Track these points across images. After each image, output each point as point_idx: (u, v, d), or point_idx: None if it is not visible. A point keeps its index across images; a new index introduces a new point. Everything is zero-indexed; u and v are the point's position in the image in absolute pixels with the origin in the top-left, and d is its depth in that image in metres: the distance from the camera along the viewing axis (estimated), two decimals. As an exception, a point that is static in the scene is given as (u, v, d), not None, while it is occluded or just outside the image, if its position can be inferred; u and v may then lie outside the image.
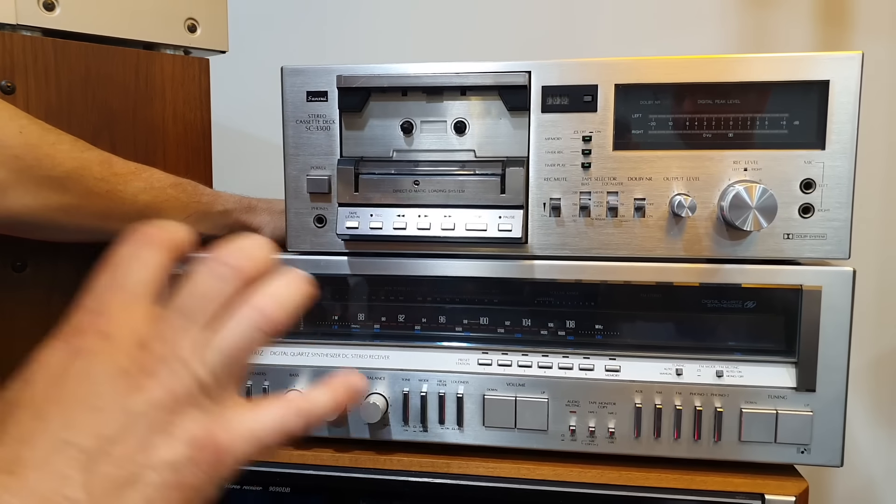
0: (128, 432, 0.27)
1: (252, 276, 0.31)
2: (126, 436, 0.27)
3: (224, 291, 0.30)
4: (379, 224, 0.55)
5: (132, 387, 0.28)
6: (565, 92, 0.53)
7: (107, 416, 0.27)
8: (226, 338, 0.30)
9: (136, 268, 0.31)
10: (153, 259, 0.31)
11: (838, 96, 0.51)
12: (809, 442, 0.53)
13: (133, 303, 0.30)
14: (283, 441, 0.31)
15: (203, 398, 0.29)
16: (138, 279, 0.30)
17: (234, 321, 0.30)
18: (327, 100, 0.56)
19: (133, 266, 0.31)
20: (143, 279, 0.30)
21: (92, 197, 0.57)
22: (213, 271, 0.30)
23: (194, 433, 0.28)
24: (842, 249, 0.52)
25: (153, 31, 0.69)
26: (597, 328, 0.56)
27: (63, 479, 0.26)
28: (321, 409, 0.32)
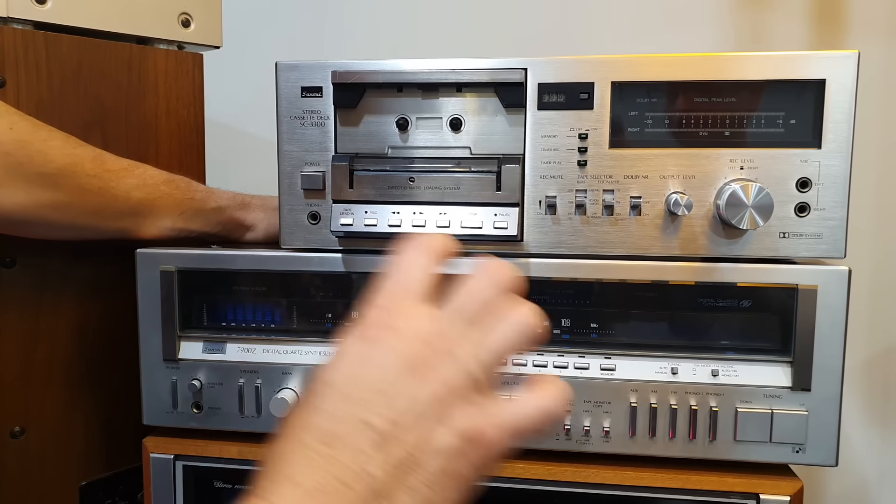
0: (414, 420, 0.30)
1: (512, 288, 0.35)
2: (413, 423, 0.30)
3: (495, 298, 0.34)
4: (374, 221, 0.54)
5: (418, 377, 0.31)
6: (561, 89, 0.53)
7: (397, 403, 0.30)
8: (496, 339, 0.33)
9: (416, 272, 0.34)
10: (429, 265, 0.35)
11: (834, 95, 0.51)
12: (804, 441, 0.52)
13: (416, 302, 0.33)
14: (539, 432, 0.33)
15: (473, 393, 0.32)
16: (419, 282, 0.34)
17: (504, 325, 0.33)
18: (322, 95, 0.55)
19: (413, 270, 0.34)
20: (422, 282, 0.34)
21: (84, 194, 0.57)
22: (486, 278, 0.34)
23: (466, 426, 0.31)
24: (837, 249, 0.52)
25: (146, 26, 0.68)
26: (592, 327, 0.56)
27: (364, 456, 0.29)
28: (564, 398, 0.34)
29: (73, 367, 0.65)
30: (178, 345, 0.59)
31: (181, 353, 0.59)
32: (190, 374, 0.59)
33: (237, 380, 0.58)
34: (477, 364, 0.32)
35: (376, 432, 0.30)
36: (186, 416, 0.59)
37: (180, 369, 0.59)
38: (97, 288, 0.66)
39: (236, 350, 0.59)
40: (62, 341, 0.64)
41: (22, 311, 0.62)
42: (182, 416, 0.59)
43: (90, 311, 0.66)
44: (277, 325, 0.60)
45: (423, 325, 0.33)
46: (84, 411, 0.67)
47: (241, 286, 0.60)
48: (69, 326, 0.65)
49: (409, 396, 0.31)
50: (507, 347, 0.33)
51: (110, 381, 0.68)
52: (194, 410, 0.59)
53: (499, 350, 0.33)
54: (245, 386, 0.58)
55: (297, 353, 0.58)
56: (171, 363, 0.59)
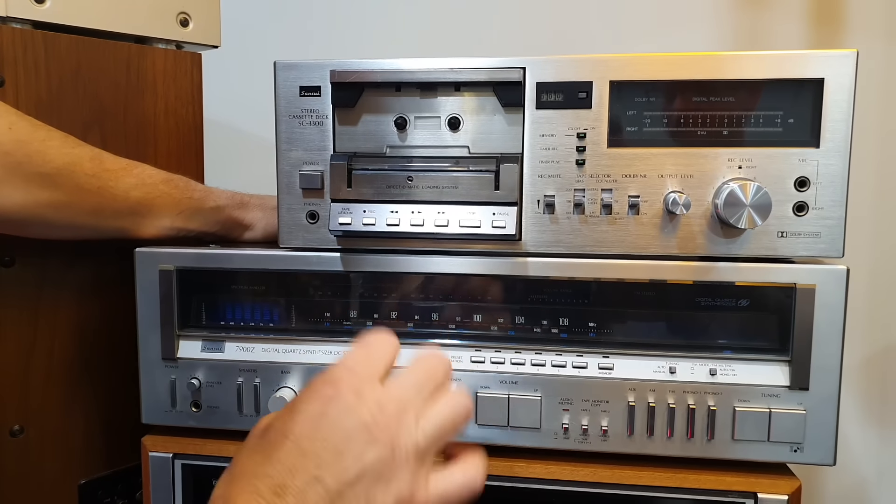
0: (360, 481, 0.34)
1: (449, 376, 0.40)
2: (358, 483, 0.34)
3: (441, 379, 0.39)
4: (372, 220, 0.54)
5: (369, 439, 0.35)
6: (560, 88, 0.53)
7: (348, 463, 0.34)
8: (441, 415, 0.38)
9: (385, 349, 0.39)
10: (395, 350, 0.40)
11: (833, 94, 0.51)
12: (802, 440, 0.53)
13: (379, 373, 0.38)
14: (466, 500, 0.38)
15: (414, 460, 0.36)
16: (385, 359, 0.39)
17: (447, 405, 0.38)
18: (320, 95, 0.55)
19: (383, 348, 0.39)
20: (387, 360, 0.39)
21: (83, 193, 0.57)
22: (433, 363, 0.39)
23: (402, 491, 0.35)
24: (836, 248, 0.52)
25: (145, 25, 0.68)
26: (590, 326, 0.56)
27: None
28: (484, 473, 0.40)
29: (72, 366, 0.65)
30: (177, 344, 0.59)
31: (180, 352, 0.59)
32: (189, 373, 0.59)
33: (236, 379, 0.58)
34: (422, 435, 0.37)
35: (326, 490, 0.33)
36: (185, 414, 0.59)
37: (179, 368, 0.59)
38: (96, 287, 0.66)
39: (235, 349, 0.59)
40: (61, 340, 0.64)
41: (21, 310, 0.62)
42: (181, 414, 0.59)
43: (89, 311, 0.66)
44: (276, 325, 0.60)
45: (380, 392, 0.36)
46: (83, 410, 0.67)
47: (239, 285, 0.60)
48: (68, 325, 0.65)
49: (358, 457, 0.34)
50: (449, 425, 0.38)
51: (109, 380, 0.68)
52: (193, 409, 0.59)
53: (442, 426, 0.38)
54: (244, 385, 0.58)
55: (296, 352, 0.58)
56: (169, 362, 0.59)
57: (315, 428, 0.34)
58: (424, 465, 0.37)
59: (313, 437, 0.34)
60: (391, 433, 0.35)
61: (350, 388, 0.36)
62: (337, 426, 0.34)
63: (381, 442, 0.35)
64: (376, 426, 0.35)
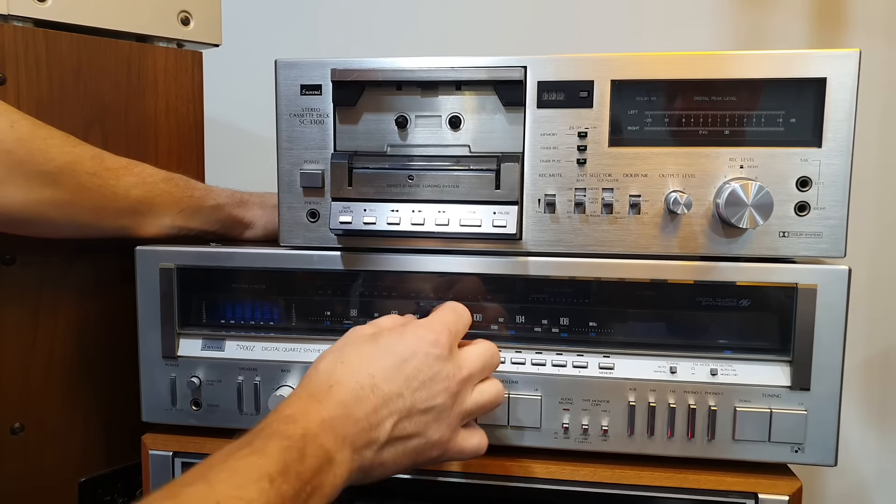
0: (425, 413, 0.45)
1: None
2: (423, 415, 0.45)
3: (495, 367, 0.50)
4: (372, 219, 0.54)
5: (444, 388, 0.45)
6: (561, 87, 0.53)
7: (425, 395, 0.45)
8: (486, 393, 0.48)
9: (466, 320, 0.50)
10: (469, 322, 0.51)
11: (835, 94, 0.51)
12: (803, 441, 0.52)
13: (459, 338, 0.49)
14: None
15: (458, 418, 0.47)
16: (465, 328, 0.50)
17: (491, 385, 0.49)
18: (321, 93, 0.55)
19: (466, 318, 0.50)
20: (466, 329, 0.50)
21: (83, 192, 0.57)
22: (496, 353, 0.50)
23: (443, 437, 0.46)
24: (837, 248, 0.52)
25: (146, 24, 0.68)
26: (591, 325, 0.56)
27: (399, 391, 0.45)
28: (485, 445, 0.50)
29: (72, 364, 0.65)
30: (177, 342, 0.59)
31: (180, 350, 0.59)
32: (189, 372, 0.59)
33: (236, 377, 0.58)
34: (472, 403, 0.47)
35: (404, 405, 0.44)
36: (185, 413, 0.59)
37: (179, 367, 0.59)
38: (97, 285, 0.66)
39: (235, 347, 0.59)
40: (62, 338, 0.64)
41: (21, 308, 0.62)
42: (181, 413, 0.59)
43: (90, 309, 0.66)
44: (276, 323, 0.60)
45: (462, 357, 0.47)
46: (83, 408, 0.67)
47: (239, 284, 0.60)
48: (69, 324, 0.65)
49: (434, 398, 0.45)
50: (488, 405, 0.48)
51: (110, 378, 0.68)
52: (193, 408, 0.59)
53: (484, 404, 0.48)
54: (244, 383, 0.58)
55: (296, 350, 0.58)
56: (170, 360, 0.59)
57: (414, 358, 0.45)
58: (461, 424, 0.47)
59: (410, 364, 0.45)
60: (457, 391, 0.46)
61: (446, 344, 0.46)
62: (429, 366, 0.45)
63: (450, 393, 0.45)
64: (452, 380, 0.46)
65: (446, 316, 0.48)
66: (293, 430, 0.39)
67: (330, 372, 0.44)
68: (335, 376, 0.44)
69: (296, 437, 0.39)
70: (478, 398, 0.47)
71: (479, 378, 0.48)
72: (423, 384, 0.45)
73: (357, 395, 0.43)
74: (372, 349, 0.46)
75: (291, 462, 0.37)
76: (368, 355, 0.45)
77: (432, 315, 0.49)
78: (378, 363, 0.44)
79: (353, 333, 0.48)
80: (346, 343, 0.47)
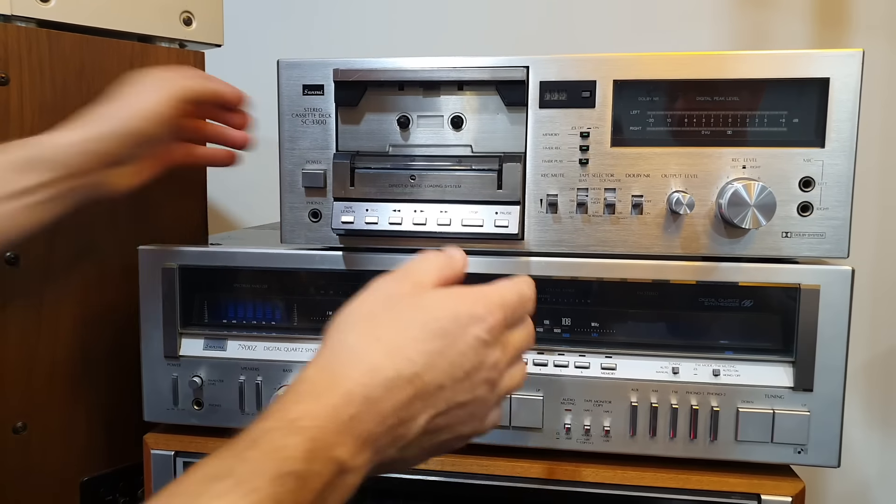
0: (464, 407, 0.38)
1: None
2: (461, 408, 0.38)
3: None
4: (374, 219, 0.54)
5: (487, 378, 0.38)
6: (563, 87, 0.53)
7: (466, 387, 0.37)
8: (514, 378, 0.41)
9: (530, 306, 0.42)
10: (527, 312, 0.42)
11: (838, 94, 0.51)
12: (806, 442, 0.52)
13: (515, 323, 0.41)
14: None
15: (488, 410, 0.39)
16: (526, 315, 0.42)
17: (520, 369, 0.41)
18: (323, 93, 0.55)
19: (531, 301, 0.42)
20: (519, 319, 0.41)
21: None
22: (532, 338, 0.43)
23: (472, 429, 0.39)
24: (840, 248, 0.52)
25: (149, 24, 0.68)
26: (593, 326, 0.56)
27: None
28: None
29: (74, 364, 0.65)
30: (180, 342, 0.60)
31: (182, 350, 0.60)
32: (191, 371, 0.59)
33: (238, 377, 0.58)
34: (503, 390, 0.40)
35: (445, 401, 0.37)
36: (187, 412, 0.59)
37: (181, 366, 0.59)
38: (99, 285, 0.66)
39: (237, 347, 0.59)
40: (64, 338, 0.64)
41: (24, 307, 0.62)
42: (183, 412, 0.59)
43: (92, 309, 0.66)
44: (278, 323, 0.60)
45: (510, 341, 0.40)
46: (85, 407, 0.67)
47: (242, 283, 0.60)
48: (71, 323, 0.65)
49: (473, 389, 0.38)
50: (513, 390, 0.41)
51: (112, 378, 0.68)
52: (195, 407, 0.59)
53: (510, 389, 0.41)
54: (246, 383, 0.58)
55: (298, 350, 0.58)
56: (172, 360, 0.59)
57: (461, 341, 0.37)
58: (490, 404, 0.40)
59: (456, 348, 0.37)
60: (497, 380, 0.39)
61: (499, 328, 0.38)
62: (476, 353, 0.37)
63: (491, 384, 0.38)
64: (495, 370, 0.38)
65: (509, 296, 0.40)
66: (296, 445, 0.31)
67: (362, 351, 0.36)
68: (368, 358, 0.35)
69: (298, 457, 0.31)
70: (508, 384, 0.40)
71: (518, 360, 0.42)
72: (468, 374, 0.37)
73: (390, 386, 0.35)
74: (415, 325, 0.37)
75: (287, 494, 0.30)
76: (410, 333, 0.36)
77: (493, 288, 0.40)
78: (421, 345, 0.36)
79: (385, 288, 0.39)
80: (381, 307, 0.38)
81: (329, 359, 0.36)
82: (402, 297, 0.38)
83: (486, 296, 0.39)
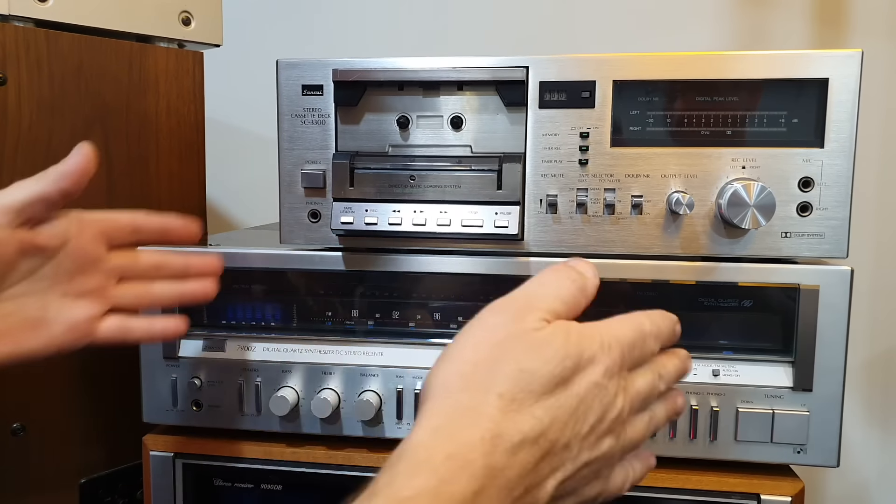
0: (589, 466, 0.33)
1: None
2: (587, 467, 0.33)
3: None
4: (374, 219, 0.54)
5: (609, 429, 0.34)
6: (563, 88, 0.53)
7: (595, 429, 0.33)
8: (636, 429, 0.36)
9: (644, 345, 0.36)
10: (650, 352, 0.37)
11: (837, 94, 0.51)
12: (806, 442, 0.52)
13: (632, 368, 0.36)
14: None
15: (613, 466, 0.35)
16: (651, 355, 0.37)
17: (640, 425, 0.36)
18: (323, 94, 0.55)
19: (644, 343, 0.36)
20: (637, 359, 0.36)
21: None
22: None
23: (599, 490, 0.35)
24: (840, 249, 0.52)
25: (147, 24, 0.68)
26: (593, 326, 0.56)
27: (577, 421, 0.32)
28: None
29: (73, 365, 0.65)
30: (178, 343, 0.59)
31: (181, 351, 0.59)
32: (190, 372, 0.59)
33: (237, 378, 0.58)
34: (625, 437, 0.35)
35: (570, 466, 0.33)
36: (186, 413, 0.59)
37: (180, 367, 0.59)
38: (97, 286, 0.66)
39: (236, 348, 0.59)
40: (62, 339, 0.64)
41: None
42: (182, 413, 0.59)
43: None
44: (277, 324, 0.60)
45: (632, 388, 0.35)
46: (84, 409, 0.67)
47: (240, 284, 0.60)
48: (69, 324, 0.64)
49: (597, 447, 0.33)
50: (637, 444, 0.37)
51: (110, 379, 0.68)
52: (194, 408, 0.59)
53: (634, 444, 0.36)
54: (245, 384, 0.58)
55: (297, 351, 0.58)
56: (171, 361, 0.59)
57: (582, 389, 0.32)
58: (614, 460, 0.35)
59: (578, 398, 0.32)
60: (622, 432, 0.34)
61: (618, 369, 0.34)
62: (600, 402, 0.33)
63: (616, 436, 0.34)
64: (618, 421, 0.34)
65: (623, 332, 0.35)
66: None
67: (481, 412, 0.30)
68: (488, 420, 0.30)
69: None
70: (632, 436, 0.35)
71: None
72: (592, 428, 0.32)
73: (516, 450, 0.30)
74: (535, 374, 0.32)
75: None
76: (532, 384, 0.31)
77: (605, 324, 0.35)
78: (545, 398, 0.31)
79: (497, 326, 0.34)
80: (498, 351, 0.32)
81: (443, 422, 0.31)
82: (517, 337, 0.33)
83: (602, 333, 0.34)
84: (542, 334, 0.33)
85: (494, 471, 0.29)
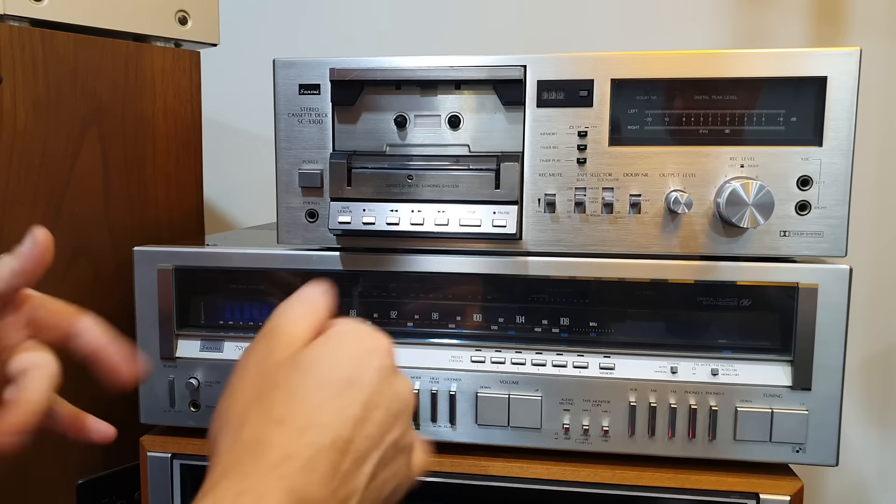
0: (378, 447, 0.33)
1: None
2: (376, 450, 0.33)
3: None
4: (372, 219, 0.54)
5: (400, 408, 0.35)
6: (561, 86, 0.53)
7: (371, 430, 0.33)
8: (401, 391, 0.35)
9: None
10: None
11: (836, 93, 0.50)
12: (805, 441, 0.52)
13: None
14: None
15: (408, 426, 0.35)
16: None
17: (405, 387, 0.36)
18: (320, 93, 0.55)
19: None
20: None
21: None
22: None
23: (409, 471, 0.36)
24: (839, 247, 0.52)
25: (143, 24, 0.68)
26: (591, 325, 0.56)
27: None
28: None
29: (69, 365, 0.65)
30: (176, 343, 0.59)
31: (178, 351, 0.59)
32: (187, 373, 0.59)
33: (235, 379, 0.58)
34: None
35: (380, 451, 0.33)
36: (184, 414, 0.59)
37: (178, 368, 0.59)
38: (94, 286, 0.66)
39: (234, 348, 0.59)
40: (59, 340, 0.64)
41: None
42: (179, 414, 0.59)
43: (87, 310, 0.66)
44: (275, 324, 0.59)
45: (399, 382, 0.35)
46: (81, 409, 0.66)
47: (238, 284, 0.60)
48: (66, 325, 0.64)
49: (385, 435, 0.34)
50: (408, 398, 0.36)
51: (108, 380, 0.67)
52: (191, 409, 0.59)
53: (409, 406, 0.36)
54: (242, 385, 0.58)
55: (295, 351, 0.58)
56: (168, 362, 0.59)
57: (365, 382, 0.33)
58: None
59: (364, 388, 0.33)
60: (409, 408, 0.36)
61: (390, 351, 0.35)
62: (387, 385, 0.34)
63: (407, 414, 0.35)
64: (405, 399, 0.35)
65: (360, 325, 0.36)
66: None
67: (266, 442, 0.30)
68: (275, 449, 0.30)
69: None
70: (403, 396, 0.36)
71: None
72: (388, 410, 0.33)
73: (311, 467, 0.30)
74: (312, 390, 0.32)
75: None
76: (310, 400, 0.31)
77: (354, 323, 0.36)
78: (329, 404, 0.31)
79: (261, 361, 0.35)
80: (266, 385, 0.33)
81: (231, 463, 0.31)
82: (281, 365, 0.33)
83: (360, 328, 0.35)
84: (313, 351, 0.34)
85: (295, 492, 0.29)
